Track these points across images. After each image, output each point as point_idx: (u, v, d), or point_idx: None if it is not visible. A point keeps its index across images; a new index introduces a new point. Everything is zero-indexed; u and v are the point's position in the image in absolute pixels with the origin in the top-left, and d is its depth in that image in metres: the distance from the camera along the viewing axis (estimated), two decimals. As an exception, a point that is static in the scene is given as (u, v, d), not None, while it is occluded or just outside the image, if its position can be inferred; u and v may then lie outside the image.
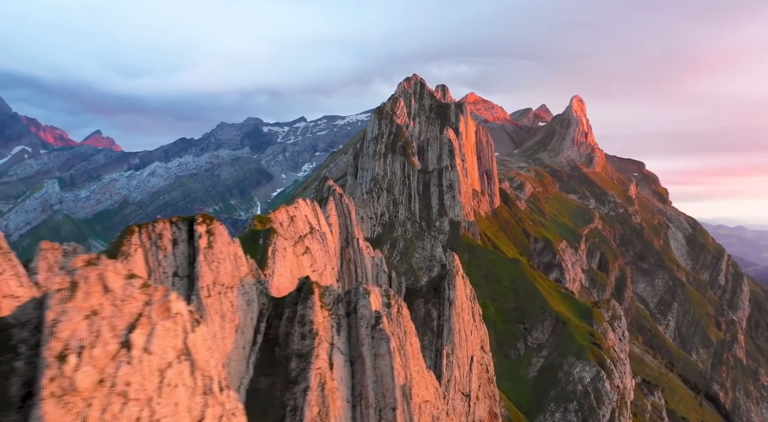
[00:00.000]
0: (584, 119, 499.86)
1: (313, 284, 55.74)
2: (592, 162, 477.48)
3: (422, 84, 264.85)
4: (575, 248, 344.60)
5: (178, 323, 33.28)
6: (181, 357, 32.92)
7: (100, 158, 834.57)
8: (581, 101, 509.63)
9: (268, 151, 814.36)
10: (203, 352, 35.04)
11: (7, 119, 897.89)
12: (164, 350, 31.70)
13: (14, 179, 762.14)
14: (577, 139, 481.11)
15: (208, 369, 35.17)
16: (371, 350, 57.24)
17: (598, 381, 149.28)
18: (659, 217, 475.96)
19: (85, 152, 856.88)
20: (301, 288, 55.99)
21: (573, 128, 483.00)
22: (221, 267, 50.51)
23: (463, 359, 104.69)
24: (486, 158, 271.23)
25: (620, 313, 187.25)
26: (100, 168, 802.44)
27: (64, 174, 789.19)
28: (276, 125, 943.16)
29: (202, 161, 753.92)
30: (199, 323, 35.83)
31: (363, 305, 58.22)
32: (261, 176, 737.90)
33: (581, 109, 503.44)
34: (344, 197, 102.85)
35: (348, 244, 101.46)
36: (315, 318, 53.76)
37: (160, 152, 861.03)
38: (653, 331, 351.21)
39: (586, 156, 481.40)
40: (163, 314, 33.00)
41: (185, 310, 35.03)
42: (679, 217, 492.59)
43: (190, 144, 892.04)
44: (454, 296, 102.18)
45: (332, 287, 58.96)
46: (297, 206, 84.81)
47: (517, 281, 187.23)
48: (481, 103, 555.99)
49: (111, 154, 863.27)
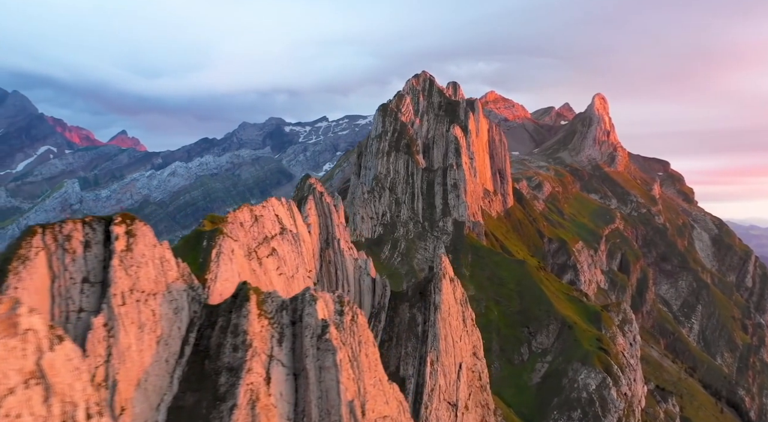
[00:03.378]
0: (606, 118, 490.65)
1: (250, 290, 51.36)
2: (614, 161, 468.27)
3: (431, 81, 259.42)
4: (594, 249, 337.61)
5: (28, 341, 29.01)
6: (31, 381, 28.66)
7: (124, 158, 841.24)
8: (604, 99, 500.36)
9: (288, 150, 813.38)
10: (65, 374, 30.64)
11: (33, 120, 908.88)
12: (4, 373, 27.46)
13: (39, 179, 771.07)
14: (598, 138, 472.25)
15: (71, 394, 30.76)
16: (316, 362, 52.74)
17: (603, 388, 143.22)
18: (684, 217, 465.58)
19: (109, 152, 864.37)
20: (237, 294, 51.66)
21: (594, 126, 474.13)
22: (142, 272, 46.30)
23: (450, 366, 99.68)
24: (499, 157, 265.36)
25: (631, 317, 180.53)
26: (123, 168, 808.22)
27: (88, 174, 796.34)
28: (298, 124, 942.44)
29: (222, 161, 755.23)
30: (61, 340, 31.51)
31: (309, 313, 53.77)
32: (282, 175, 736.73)
33: (604, 107, 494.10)
34: (325, 196, 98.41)
35: (328, 245, 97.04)
36: (249, 328, 49.39)
37: (183, 152, 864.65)
38: (676, 334, 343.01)
39: (608, 155, 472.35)
40: (6, 332, 28.73)
41: (41, 326, 30.64)
42: (704, 217, 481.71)
43: (212, 144, 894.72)
44: (440, 301, 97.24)
45: (275, 294, 54.56)
46: (266, 205, 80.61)
47: (523, 283, 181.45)
48: (501, 102, 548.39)
49: (134, 154, 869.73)
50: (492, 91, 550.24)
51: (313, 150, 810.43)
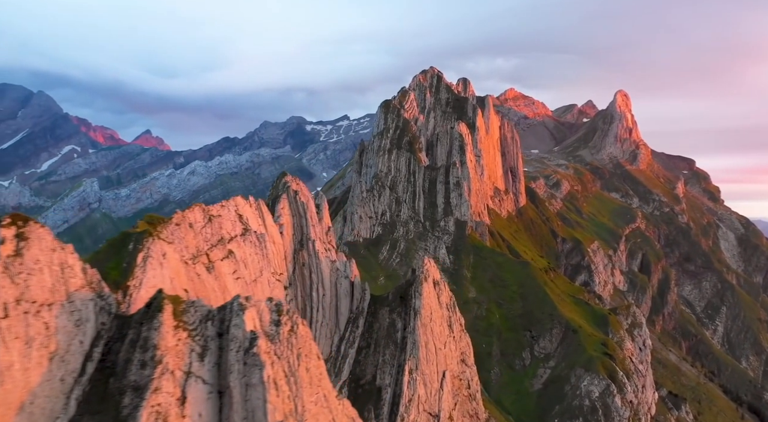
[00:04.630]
0: (629, 115, 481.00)
1: (165, 300, 46.51)
2: (637, 159, 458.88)
3: (439, 77, 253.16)
4: (614, 249, 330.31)
5: None
6: None
7: (146, 158, 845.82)
8: (626, 96, 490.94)
9: (309, 149, 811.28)
10: None
11: (58, 120, 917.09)
12: None
13: (63, 178, 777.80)
14: (620, 135, 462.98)
15: None
16: (242, 379, 47.84)
17: (607, 395, 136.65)
18: (709, 216, 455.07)
19: (131, 151, 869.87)
20: (150, 304, 46.89)
21: (616, 123, 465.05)
22: (34, 280, 41.70)
23: (432, 375, 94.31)
24: (511, 155, 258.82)
25: (641, 320, 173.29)
26: (146, 167, 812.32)
27: (111, 173, 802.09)
28: (319, 123, 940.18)
29: (242, 160, 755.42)
30: None
31: (235, 324, 48.88)
32: (301, 174, 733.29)
33: (626, 104, 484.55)
34: (299, 195, 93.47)
35: (302, 246, 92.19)
36: (161, 342, 44.53)
37: (205, 151, 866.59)
38: (699, 336, 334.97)
39: (629, 153, 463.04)
40: None
41: None
42: (730, 217, 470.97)
43: (233, 143, 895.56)
44: (420, 306, 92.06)
45: (200, 302, 49.73)
46: (225, 204, 75.95)
47: (526, 285, 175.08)
48: (521, 99, 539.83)
49: (156, 153, 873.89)
50: (511, 89, 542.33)
51: (334, 149, 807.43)
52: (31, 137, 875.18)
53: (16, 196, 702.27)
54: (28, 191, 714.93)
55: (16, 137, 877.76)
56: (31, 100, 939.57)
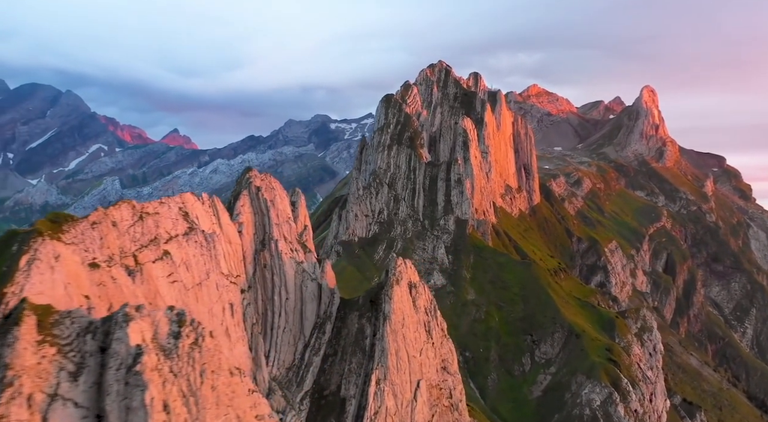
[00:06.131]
0: (655, 111, 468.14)
1: (26, 310, 40.64)
2: (663, 156, 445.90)
3: (447, 71, 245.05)
4: (636, 248, 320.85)
5: None
6: None
7: (172, 156, 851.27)
8: (653, 92, 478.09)
9: (332, 147, 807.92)
10: None
11: (86, 119, 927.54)
12: None
13: (89, 177, 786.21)
14: (646, 132, 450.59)
15: None
16: (121, 401, 41.87)
17: (609, 404, 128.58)
18: (739, 215, 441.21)
19: (157, 150, 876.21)
20: (9, 315, 41.05)
21: (642, 120, 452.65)
22: None
23: (403, 385, 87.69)
24: (524, 152, 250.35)
25: (652, 324, 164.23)
26: (171, 166, 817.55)
27: (137, 172, 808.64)
28: (343, 121, 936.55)
29: (265, 158, 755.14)
30: None
31: (118, 337, 42.89)
32: (324, 172, 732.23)
33: (652, 100, 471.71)
34: (262, 191, 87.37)
35: (264, 246, 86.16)
36: (15, 361, 38.68)
37: (229, 150, 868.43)
38: (726, 339, 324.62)
39: (656, 150, 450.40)
40: None
41: None
42: (762, 216, 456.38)
43: (258, 141, 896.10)
44: (390, 310, 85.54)
45: (78, 313, 43.84)
46: (165, 201, 70.25)
47: (528, 286, 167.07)
48: (545, 96, 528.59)
49: (182, 151, 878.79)
50: (535, 85, 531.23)
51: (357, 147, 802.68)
52: (59, 136, 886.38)
53: (43, 194, 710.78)
54: (55, 189, 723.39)
55: (44, 136, 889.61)
56: (59, 100, 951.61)
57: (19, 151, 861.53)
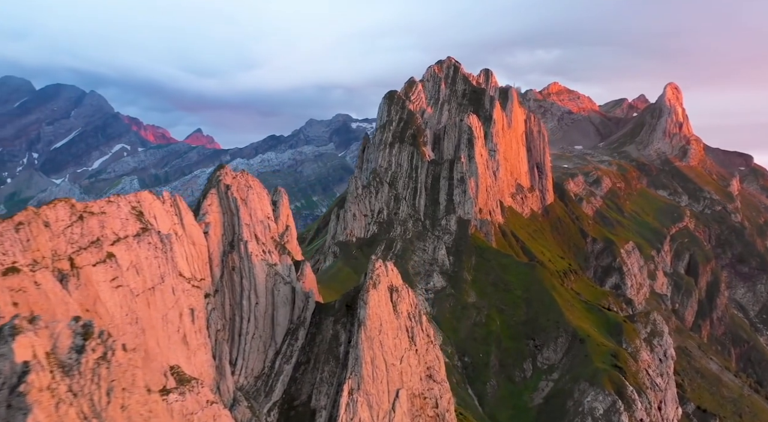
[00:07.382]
0: (679, 109, 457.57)
1: None
2: (687, 155, 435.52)
3: (456, 67, 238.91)
4: (657, 249, 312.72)
5: None
6: None
7: (194, 156, 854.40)
8: (677, 89, 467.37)
9: (352, 147, 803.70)
10: None
11: (109, 119, 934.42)
12: None
13: (112, 176, 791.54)
14: (669, 130, 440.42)
15: None
16: (4, 424, 37.52)
17: (613, 412, 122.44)
18: (766, 215, 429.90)
19: (179, 149, 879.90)
20: None
21: (665, 118, 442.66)
22: None
23: (380, 395, 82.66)
24: (537, 151, 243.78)
25: (662, 328, 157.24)
26: (193, 165, 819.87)
27: (159, 171, 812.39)
28: (365, 120, 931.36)
29: (285, 158, 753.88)
30: None
31: (2, 353, 38.43)
32: (344, 172, 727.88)
33: (676, 97, 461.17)
34: (232, 190, 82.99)
35: (233, 248, 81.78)
36: None
37: (251, 149, 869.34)
38: (752, 342, 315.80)
39: (679, 149, 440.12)
40: None
41: None
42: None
43: (279, 141, 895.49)
44: (365, 316, 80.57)
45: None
46: (114, 199, 66.04)
47: (531, 289, 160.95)
48: (565, 94, 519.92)
49: (204, 151, 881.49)
50: (555, 83, 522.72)
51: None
52: (83, 136, 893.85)
53: (65, 194, 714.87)
54: (77, 189, 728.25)
55: (69, 136, 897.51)
56: (83, 100, 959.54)
57: (43, 151, 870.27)
